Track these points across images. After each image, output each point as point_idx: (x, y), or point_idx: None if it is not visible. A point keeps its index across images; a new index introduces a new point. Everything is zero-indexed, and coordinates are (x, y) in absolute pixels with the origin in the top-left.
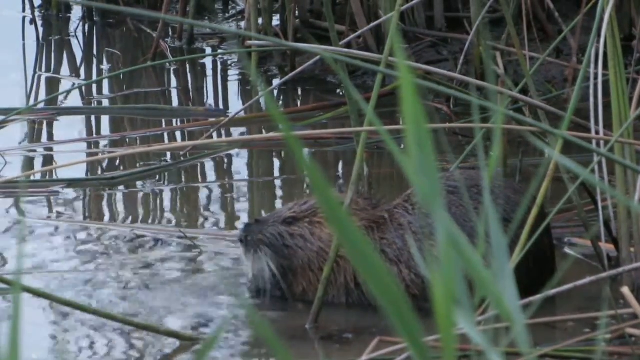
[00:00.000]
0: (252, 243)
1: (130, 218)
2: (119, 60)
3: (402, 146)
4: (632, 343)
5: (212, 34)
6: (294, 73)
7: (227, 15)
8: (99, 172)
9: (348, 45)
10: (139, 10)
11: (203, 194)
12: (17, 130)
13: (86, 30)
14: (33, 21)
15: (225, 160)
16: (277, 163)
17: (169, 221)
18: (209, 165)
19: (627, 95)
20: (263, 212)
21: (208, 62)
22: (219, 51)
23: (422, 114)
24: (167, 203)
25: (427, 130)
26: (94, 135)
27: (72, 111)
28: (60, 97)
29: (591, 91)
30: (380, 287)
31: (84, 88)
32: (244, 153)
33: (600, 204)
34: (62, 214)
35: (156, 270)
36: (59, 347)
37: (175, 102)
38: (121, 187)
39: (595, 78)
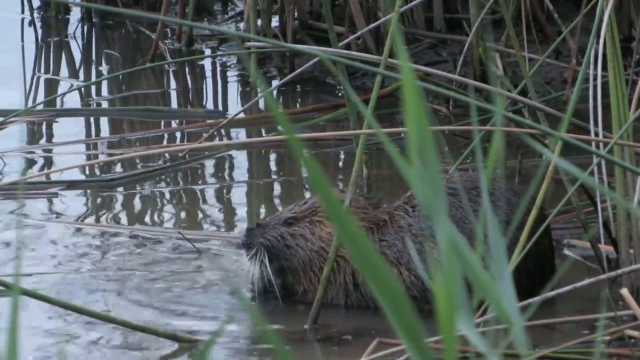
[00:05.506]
0: (252, 246)
1: (129, 219)
2: (118, 62)
3: (401, 148)
4: (632, 345)
5: (211, 35)
6: (293, 74)
7: (226, 16)
8: (98, 173)
9: (347, 47)
10: (138, 12)
11: (202, 195)
12: (16, 131)
13: (85, 32)
14: (32, 23)
15: (224, 161)
16: (276, 164)
17: (168, 222)
18: (208, 167)
19: (626, 96)
20: (262, 214)
21: (207, 63)
22: (218, 52)
23: (424, 116)
24: (166, 204)
25: (430, 133)
26: (93, 137)
27: (71, 113)
28: (59, 99)
29: (590, 92)
30: (381, 287)
31: (83, 89)
32: (243, 154)
33: (599, 206)
34: (61, 216)
35: (155, 272)
36: (58, 349)
37: (174, 104)
38: (120, 189)
39: (595, 79)
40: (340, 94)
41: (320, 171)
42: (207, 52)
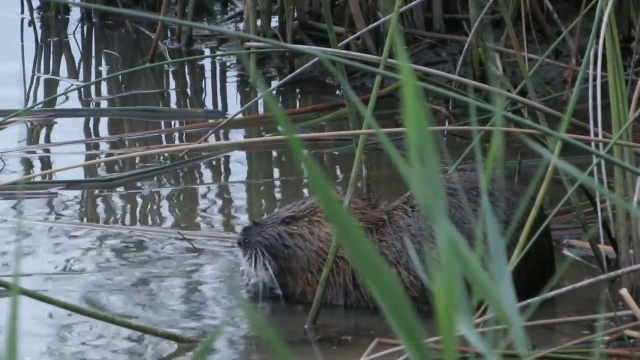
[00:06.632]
0: (250, 245)
1: (128, 220)
2: (117, 62)
3: (401, 148)
4: (631, 345)
5: (211, 35)
6: (292, 75)
7: (226, 17)
8: (98, 173)
9: (347, 47)
10: (138, 12)
11: (202, 195)
12: (15, 132)
13: (85, 32)
14: (32, 23)
15: (224, 162)
16: (275, 165)
17: (168, 223)
18: (208, 167)
19: (626, 97)
20: (262, 214)
21: (207, 63)
22: (218, 53)
23: (424, 117)
24: (165, 205)
25: (430, 133)
26: (93, 137)
27: (70, 113)
28: (59, 99)
29: (590, 93)
30: (380, 287)
31: (82, 90)
32: (243, 155)
33: (599, 206)
34: (60, 216)
35: (154, 272)
36: (57, 350)
37: (174, 104)
38: (120, 189)
39: (595, 80)
40: (340, 95)
41: (319, 172)
42: (207, 52)
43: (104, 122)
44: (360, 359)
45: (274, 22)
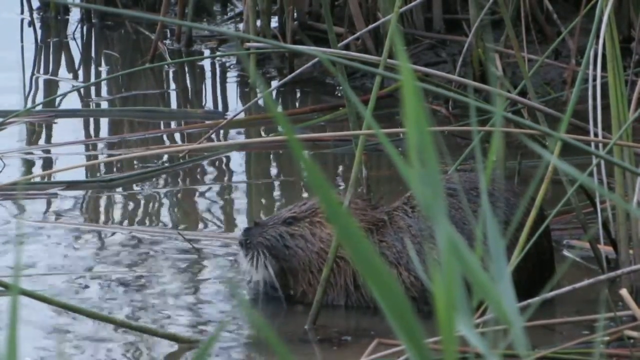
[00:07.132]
0: (251, 246)
1: (128, 220)
2: (117, 62)
3: (401, 149)
4: (631, 345)
5: (210, 36)
6: (292, 75)
7: (225, 17)
8: (98, 174)
9: (346, 47)
10: (138, 13)
11: (201, 195)
12: (15, 132)
13: (84, 33)
14: (31, 23)
15: (224, 162)
16: (275, 165)
17: (167, 223)
18: (208, 167)
19: (625, 97)
20: (261, 214)
21: (206, 64)
22: (218, 53)
23: (424, 117)
24: (165, 205)
25: (429, 134)
26: (93, 137)
27: (70, 113)
28: (59, 99)
29: (590, 93)
30: (380, 288)
31: (82, 90)
32: (242, 155)
33: (599, 206)
34: (60, 216)
35: (154, 272)
36: (57, 350)
37: (173, 104)
38: (120, 189)
39: (594, 80)
40: (339, 95)
41: (319, 172)
42: (207, 52)
43: (103, 122)
44: (360, 359)
45: (274, 22)
